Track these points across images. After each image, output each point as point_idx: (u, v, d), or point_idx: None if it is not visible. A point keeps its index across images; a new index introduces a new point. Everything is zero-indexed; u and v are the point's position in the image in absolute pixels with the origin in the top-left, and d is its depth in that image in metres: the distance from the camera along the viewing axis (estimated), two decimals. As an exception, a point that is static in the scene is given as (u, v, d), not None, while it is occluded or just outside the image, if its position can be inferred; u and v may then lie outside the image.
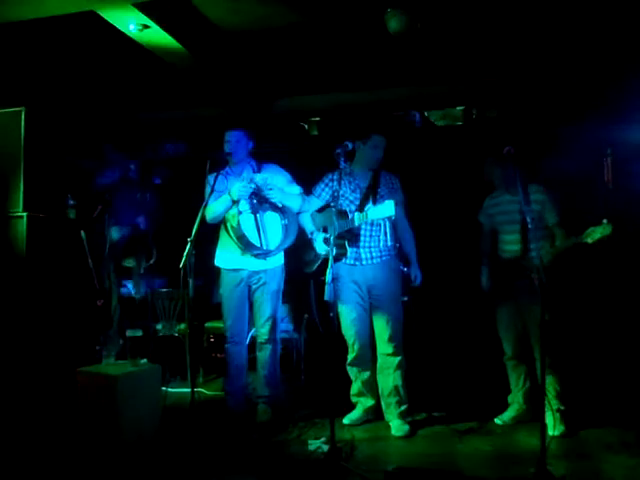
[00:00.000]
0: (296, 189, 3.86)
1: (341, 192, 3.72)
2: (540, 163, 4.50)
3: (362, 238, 3.72)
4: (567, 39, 4.37)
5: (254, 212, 3.71)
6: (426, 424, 3.77)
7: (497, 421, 3.75)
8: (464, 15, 4.04)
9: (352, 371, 3.86)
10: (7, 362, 3.71)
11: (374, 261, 3.73)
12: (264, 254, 3.76)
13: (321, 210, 3.90)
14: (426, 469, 3.03)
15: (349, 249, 3.68)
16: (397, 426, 3.66)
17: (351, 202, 3.75)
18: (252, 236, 3.69)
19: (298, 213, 3.87)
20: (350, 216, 3.63)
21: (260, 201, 3.72)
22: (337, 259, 3.68)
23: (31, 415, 3.64)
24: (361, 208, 3.67)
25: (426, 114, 5.56)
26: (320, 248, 3.73)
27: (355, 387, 3.88)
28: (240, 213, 3.67)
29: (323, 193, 3.88)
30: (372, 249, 3.73)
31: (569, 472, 2.97)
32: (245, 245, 3.71)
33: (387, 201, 3.31)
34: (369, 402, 3.85)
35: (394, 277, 3.79)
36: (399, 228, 3.85)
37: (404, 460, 3.21)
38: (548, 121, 5.09)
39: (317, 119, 5.79)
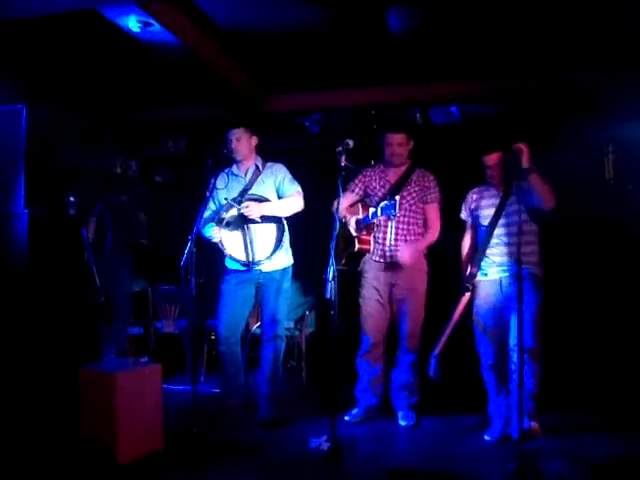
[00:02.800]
0: (291, 189, 3.84)
1: (372, 187, 3.86)
2: (540, 161, 4.50)
3: (388, 235, 3.74)
4: (568, 36, 4.36)
5: (241, 228, 3.73)
6: (428, 421, 3.79)
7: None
8: (465, 13, 4.04)
9: (361, 366, 3.87)
10: (8, 360, 3.71)
11: (399, 259, 3.71)
12: (252, 265, 3.75)
13: (353, 205, 3.92)
14: (427, 467, 3.04)
15: (372, 244, 3.74)
16: (404, 415, 3.74)
17: (380, 198, 3.77)
18: (237, 251, 3.72)
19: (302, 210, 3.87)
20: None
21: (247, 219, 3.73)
22: (361, 254, 3.78)
23: (31, 413, 3.65)
24: (378, 204, 3.64)
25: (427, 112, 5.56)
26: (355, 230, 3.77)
27: (361, 383, 3.88)
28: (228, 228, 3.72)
29: (357, 189, 3.93)
30: (398, 247, 3.73)
31: (568, 469, 2.98)
32: (232, 259, 3.76)
33: (394, 198, 3.32)
34: (372, 400, 3.86)
35: (418, 277, 3.78)
36: (428, 226, 3.83)
37: (405, 457, 3.21)
38: (549, 119, 5.09)
39: (318, 117, 5.78)
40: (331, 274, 3.16)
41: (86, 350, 3.70)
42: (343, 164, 3.38)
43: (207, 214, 3.79)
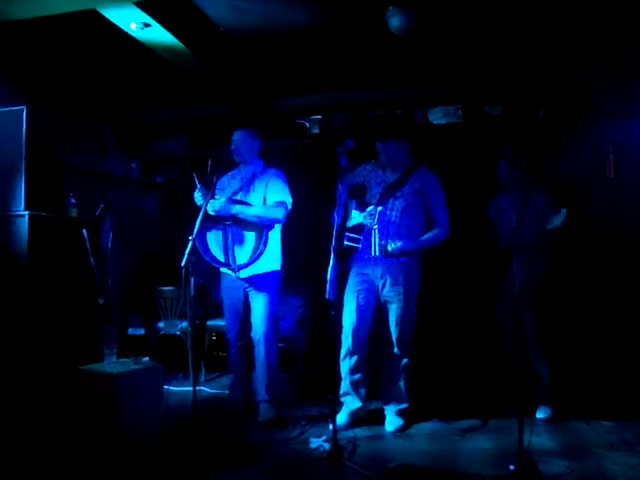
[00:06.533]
0: (275, 197, 3.78)
1: (370, 182, 3.77)
2: (542, 161, 4.50)
3: (378, 234, 3.62)
4: (569, 35, 4.36)
5: (224, 228, 3.71)
6: (428, 422, 3.78)
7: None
8: (466, 12, 4.04)
9: (343, 367, 3.74)
10: (9, 361, 3.72)
11: (391, 260, 3.62)
12: (234, 268, 3.74)
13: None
14: (427, 466, 3.04)
15: (361, 245, 3.62)
16: (390, 420, 3.67)
17: (372, 196, 3.72)
18: (217, 251, 3.72)
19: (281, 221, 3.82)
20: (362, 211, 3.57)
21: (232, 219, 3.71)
22: (349, 252, 3.65)
23: (31, 414, 3.65)
24: (365, 207, 3.58)
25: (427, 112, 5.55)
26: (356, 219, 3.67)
27: (343, 385, 3.75)
28: (210, 229, 3.70)
29: (359, 176, 3.83)
30: (388, 245, 3.56)
31: (570, 470, 2.97)
32: (210, 261, 3.74)
33: (376, 210, 3.25)
34: (355, 404, 3.74)
35: (410, 279, 3.66)
36: (434, 225, 3.72)
37: (406, 457, 3.20)
38: (550, 119, 5.08)
39: (318, 117, 5.78)
40: (331, 274, 3.14)
41: (87, 351, 3.70)
42: (344, 164, 3.37)
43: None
